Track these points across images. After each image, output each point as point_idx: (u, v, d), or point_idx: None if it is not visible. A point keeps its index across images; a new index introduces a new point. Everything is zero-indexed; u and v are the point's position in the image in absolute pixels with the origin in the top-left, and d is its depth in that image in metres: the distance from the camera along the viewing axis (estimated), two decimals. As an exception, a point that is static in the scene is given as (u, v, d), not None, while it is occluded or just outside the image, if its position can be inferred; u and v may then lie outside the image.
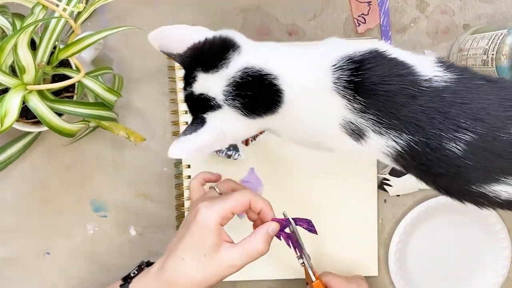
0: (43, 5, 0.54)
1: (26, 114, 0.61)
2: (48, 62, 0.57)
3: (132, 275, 0.58)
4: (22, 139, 0.67)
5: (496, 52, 0.58)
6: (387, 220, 0.72)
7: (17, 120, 0.53)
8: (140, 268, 0.59)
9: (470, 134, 0.47)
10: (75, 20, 0.55)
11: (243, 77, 0.49)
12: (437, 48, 0.70)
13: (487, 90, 0.49)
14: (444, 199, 0.70)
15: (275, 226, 0.55)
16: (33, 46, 0.56)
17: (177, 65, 0.68)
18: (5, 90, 0.53)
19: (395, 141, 0.49)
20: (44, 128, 0.61)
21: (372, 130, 0.49)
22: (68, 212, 0.71)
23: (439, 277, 0.73)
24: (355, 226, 0.71)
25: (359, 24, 0.69)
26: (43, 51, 0.56)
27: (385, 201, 0.72)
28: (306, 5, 0.69)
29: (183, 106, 0.69)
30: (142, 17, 0.69)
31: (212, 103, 0.51)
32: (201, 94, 0.51)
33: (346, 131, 0.50)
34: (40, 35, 0.56)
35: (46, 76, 0.59)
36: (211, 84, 0.51)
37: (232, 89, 0.50)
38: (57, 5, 0.52)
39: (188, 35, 0.52)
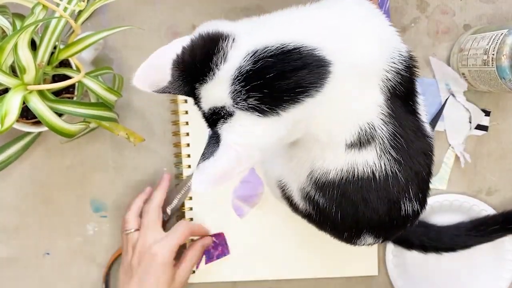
0: (44, 5, 0.53)
1: (26, 114, 0.61)
2: (48, 62, 0.57)
3: None
4: (22, 139, 0.66)
5: (497, 52, 0.58)
6: (387, 220, 0.72)
7: (17, 120, 0.53)
8: None
9: None
10: (76, 20, 0.55)
11: (256, 61, 0.40)
12: (437, 48, 0.70)
13: None
14: (443, 198, 0.70)
15: (209, 241, 0.67)
16: (33, 46, 0.55)
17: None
18: (5, 90, 0.53)
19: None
20: (44, 128, 0.61)
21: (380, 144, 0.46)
22: (68, 212, 0.70)
23: (439, 278, 0.72)
24: (355, 226, 0.70)
25: (360, 24, 0.69)
26: (44, 51, 0.55)
27: (385, 201, 0.71)
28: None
29: (183, 106, 0.68)
30: (142, 17, 0.69)
31: (223, 113, 0.42)
32: (211, 110, 0.43)
33: (352, 139, 0.45)
34: (40, 35, 0.56)
35: (46, 76, 0.59)
36: (214, 92, 0.42)
37: (242, 84, 0.40)
38: (58, 5, 0.52)
39: (166, 56, 0.44)
